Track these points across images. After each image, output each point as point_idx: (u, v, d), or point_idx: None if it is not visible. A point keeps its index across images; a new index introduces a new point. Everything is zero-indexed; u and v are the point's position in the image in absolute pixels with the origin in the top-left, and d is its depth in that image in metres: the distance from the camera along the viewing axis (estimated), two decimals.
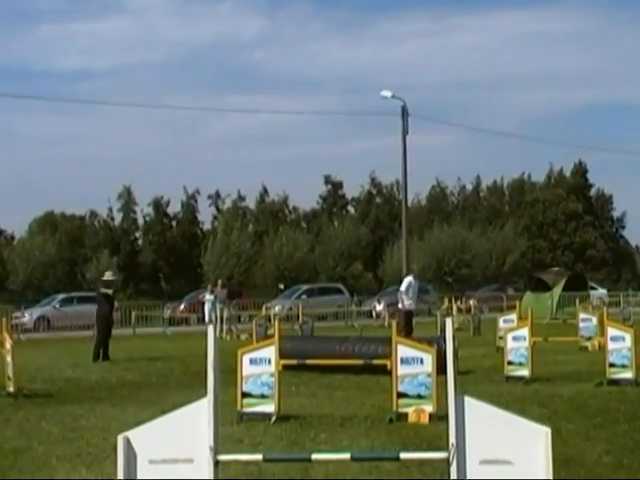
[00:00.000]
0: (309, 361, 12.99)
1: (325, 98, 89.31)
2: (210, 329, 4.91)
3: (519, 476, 4.43)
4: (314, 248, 61.07)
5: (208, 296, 30.21)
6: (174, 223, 68.03)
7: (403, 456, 5.09)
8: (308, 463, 6.41)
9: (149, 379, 14.55)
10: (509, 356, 13.27)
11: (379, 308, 37.47)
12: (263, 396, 9.54)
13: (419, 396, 9.44)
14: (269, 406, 9.53)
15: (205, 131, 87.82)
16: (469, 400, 4.58)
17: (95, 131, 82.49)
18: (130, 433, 4.68)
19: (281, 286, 51.68)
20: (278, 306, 38.10)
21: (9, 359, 12.25)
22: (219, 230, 60.51)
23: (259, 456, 5.36)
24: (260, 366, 9.51)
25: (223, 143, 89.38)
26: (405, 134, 38.76)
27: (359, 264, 60.70)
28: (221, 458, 4.69)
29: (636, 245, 75.80)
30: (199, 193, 67.57)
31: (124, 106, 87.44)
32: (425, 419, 9.26)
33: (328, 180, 69.67)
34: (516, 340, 13.25)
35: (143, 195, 66.06)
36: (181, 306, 39.80)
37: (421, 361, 9.47)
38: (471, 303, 31.86)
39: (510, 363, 13.24)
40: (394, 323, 10.62)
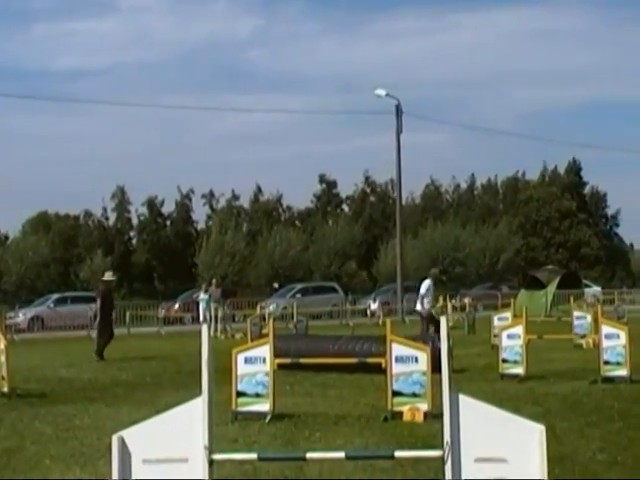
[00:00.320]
0: (303, 360, 12.99)
1: (320, 97, 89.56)
2: (204, 328, 4.90)
3: (514, 474, 4.43)
4: (308, 247, 61.04)
5: (202, 295, 30.16)
6: (168, 222, 67.93)
7: (398, 454, 5.08)
8: (303, 462, 6.40)
9: (143, 379, 14.52)
10: (504, 354, 13.28)
11: (373, 307, 37.51)
12: (258, 395, 9.54)
13: (414, 394, 9.45)
14: (264, 405, 9.52)
15: (199, 130, 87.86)
16: (464, 398, 4.57)
17: (89, 130, 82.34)
18: (124, 433, 4.67)
19: (275, 285, 51.71)
20: (272, 305, 38.12)
21: (3, 359, 12.19)
22: (213, 229, 60.46)
23: (254, 455, 5.36)
24: (255, 365, 9.51)
25: (217, 142, 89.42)
26: (399, 133, 38.81)
27: (353, 263, 60.71)
28: (216, 457, 4.69)
29: (630, 243, 76.08)
30: (193, 192, 67.62)
31: (118, 105, 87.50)
32: (420, 417, 9.26)
33: (322, 179, 69.72)
34: (511, 338, 13.27)
35: (137, 195, 66.15)
36: (175, 306, 39.78)
37: (416, 359, 9.49)
38: (465, 301, 31.99)
39: (505, 361, 13.25)
40: (387, 322, 10.60)
